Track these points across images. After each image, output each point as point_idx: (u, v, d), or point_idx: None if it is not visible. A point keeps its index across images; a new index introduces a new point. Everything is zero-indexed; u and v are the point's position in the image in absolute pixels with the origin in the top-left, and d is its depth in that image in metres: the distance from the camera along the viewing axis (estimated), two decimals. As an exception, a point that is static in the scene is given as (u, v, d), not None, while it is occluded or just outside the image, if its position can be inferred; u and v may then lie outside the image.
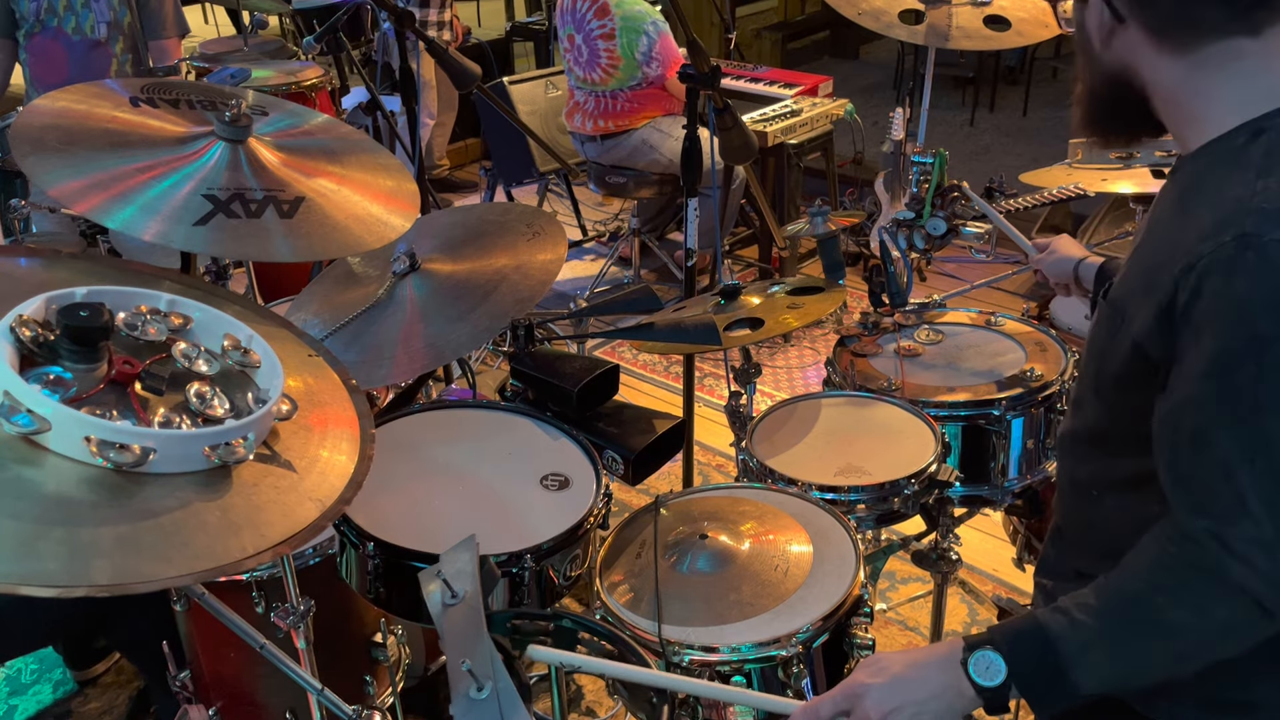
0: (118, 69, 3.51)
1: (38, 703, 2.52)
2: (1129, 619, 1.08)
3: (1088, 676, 1.08)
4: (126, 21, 3.47)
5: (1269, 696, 1.16)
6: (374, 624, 1.85)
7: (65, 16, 3.39)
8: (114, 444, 1.02)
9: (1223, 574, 1.02)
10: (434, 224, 2.11)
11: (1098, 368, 1.21)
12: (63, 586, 0.92)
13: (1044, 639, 1.09)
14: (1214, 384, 1.01)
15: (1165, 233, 1.13)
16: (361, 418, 1.28)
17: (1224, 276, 1.00)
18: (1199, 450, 1.03)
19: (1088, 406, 1.24)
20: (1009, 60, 7.17)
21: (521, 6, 7.75)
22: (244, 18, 5.07)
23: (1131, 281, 1.16)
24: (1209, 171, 1.10)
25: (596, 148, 4.18)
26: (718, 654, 1.39)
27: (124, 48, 3.50)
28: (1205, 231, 1.03)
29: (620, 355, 4.06)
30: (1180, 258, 1.04)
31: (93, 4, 3.38)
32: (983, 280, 2.63)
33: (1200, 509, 1.04)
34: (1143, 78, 1.14)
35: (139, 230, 1.51)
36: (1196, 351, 1.03)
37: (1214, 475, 1.02)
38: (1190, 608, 1.05)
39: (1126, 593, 1.09)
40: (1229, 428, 1.01)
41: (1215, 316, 1.01)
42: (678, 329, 1.98)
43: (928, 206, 2.10)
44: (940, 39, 2.96)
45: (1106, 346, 1.18)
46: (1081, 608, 1.10)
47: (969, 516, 2.42)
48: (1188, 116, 1.13)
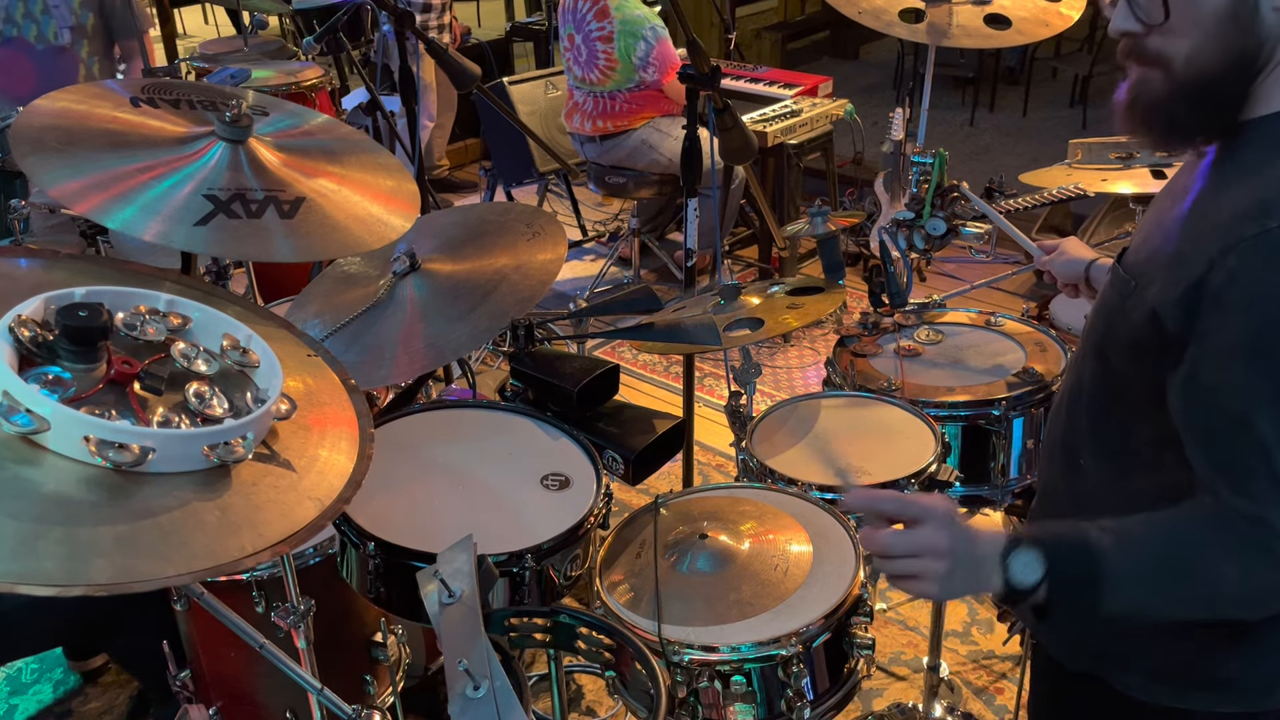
0: (86, 74, 3.46)
1: (38, 702, 2.52)
2: (1176, 563, 1.08)
3: (1118, 600, 1.08)
4: (90, 24, 3.42)
5: (1241, 672, 1.18)
6: (374, 624, 1.86)
7: (25, 25, 3.33)
8: (113, 443, 1.01)
9: (1266, 550, 1.03)
10: (434, 224, 2.11)
11: (1105, 328, 1.20)
12: (61, 586, 0.91)
13: (1090, 554, 1.08)
14: (1252, 368, 1.01)
15: (1196, 206, 1.11)
16: (360, 417, 1.28)
17: (1266, 263, 0.99)
18: (1237, 433, 1.03)
19: (1087, 368, 1.24)
20: (1009, 60, 7.17)
21: (521, 6, 7.76)
22: (244, 18, 5.07)
23: (1154, 245, 1.14)
24: (1253, 148, 1.08)
25: (596, 148, 4.18)
26: (718, 653, 1.39)
27: (90, 51, 3.44)
28: (1245, 212, 1.02)
29: (620, 355, 4.06)
30: (1217, 236, 1.03)
31: (52, 10, 3.32)
32: (983, 280, 2.64)
33: (1242, 491, 1.04)
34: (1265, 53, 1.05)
35: (139, 230, 1.51)
36: (1229, 334, 1.02)
37: (1254, 457, 1.02)
38: (1239, 568, 1.05)
39: (1177, 538, 1.09)
40: (1270, 410, 1.01)
41: (1253, 301, 1.00)
42: (678, 329, 1.98)
43: (928, 206, 2.10)
44: (940, 37, 2.96)
45: (1117, 309, 1.17)
46: (1129, 537, 1.09)
47: (969, 516, 2.42)
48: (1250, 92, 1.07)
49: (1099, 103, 6.56)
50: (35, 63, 3.40)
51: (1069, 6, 2.96)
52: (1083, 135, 5.08)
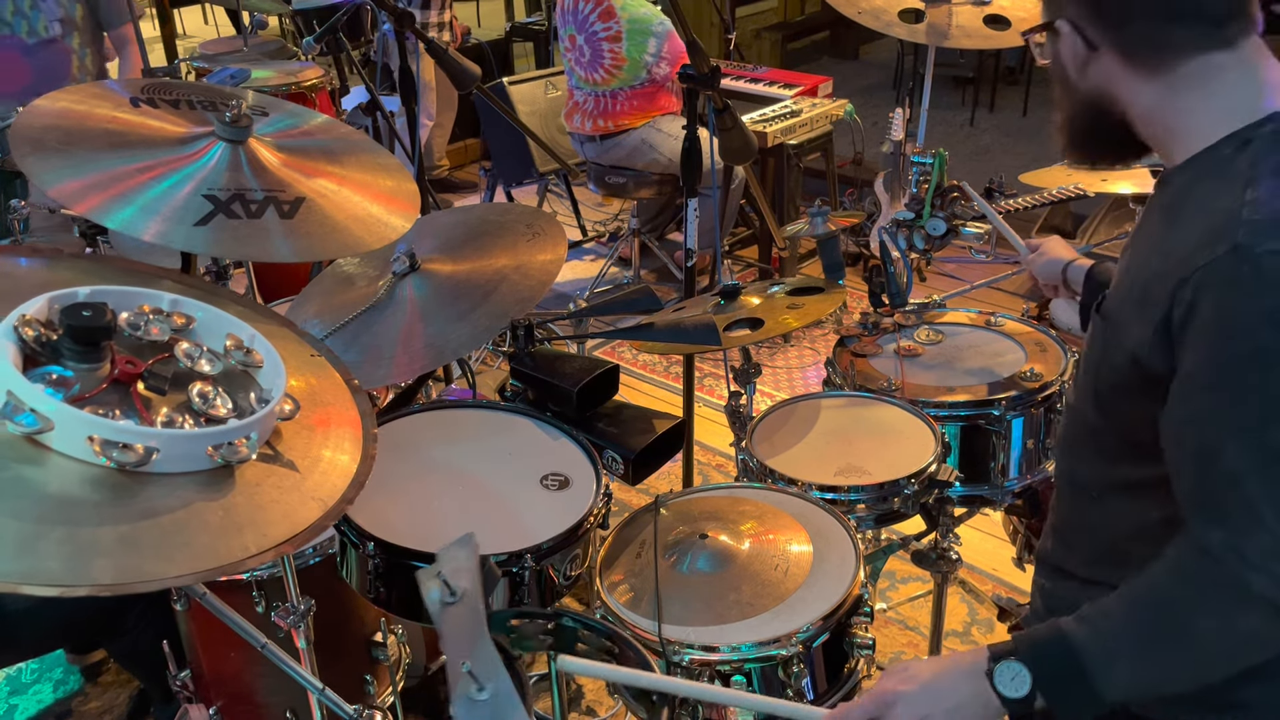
0: (79, 65, 3.48)
1: (38, 702, 2.52)
2: (1154, 629, 1.08)
3: (1113, 686, 1.08)
4: (79, 15, 3.43)
5: (1258, 696, 1.17)
6: (374, 624, 1.86)
7: (15, 21, 3.35)
8: (117, 443, 1.02)
9: (1244, 586, 1.02)
10: (434, 224, 2.11)
11: (1095, 379, 1.22)
12: (64, 586, 0.92)
13: (1068, 649, 1.09)
14: (1219, 396, 1.02)
15: (1156, 245, 1.14)
16: (364, 417, 1.29)
17: (1220, 290, 1.01)
18: (1208, 462, 1.03)
19: (1087, 414, 1.25)
20: (1009, 60, 7.17)
21: (521, 6, 7.75)
22: (244, 18, 5.06)
23: (1124, 293, 1.17)
24: (1196, 183, 1.10)
25: (596, 148, 4.18)
26: (718, 654, 1.39)
27: (81, 42, 3.46)
28: (1197, 243, 1.04)
29: (620, 355, 4.06)
30: (1174, 271, 1.05)
31: (40, 3, 3.35)
32: (983, 280, 2.64)
33: (1215, 521, 1.04)
34: (1122, 101, 1.14)
35: (139, 231, 1.51)
36: (1196, 365, 1.03)
37: (1225, 486, 1.02)
38: (1216, 618, 1.05)
39: (1150, 603, 1.09)
40: (1237, 439, 1.01)
41: (1214, 330, 1.01)
42: (678, 329, 1.98)
43: (928, 206, 2.10)
44: (940, 38, 2.96)
45: (1101, 359, 1.19)
46: (1105, 617, 1.10)
47: (969, 516, 2.42)
48: (1171, 133, 1.13)
49: (1098, 103, 6.56)
50: (27, 58, 3.42)
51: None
52: (1082, 135, 5.06)
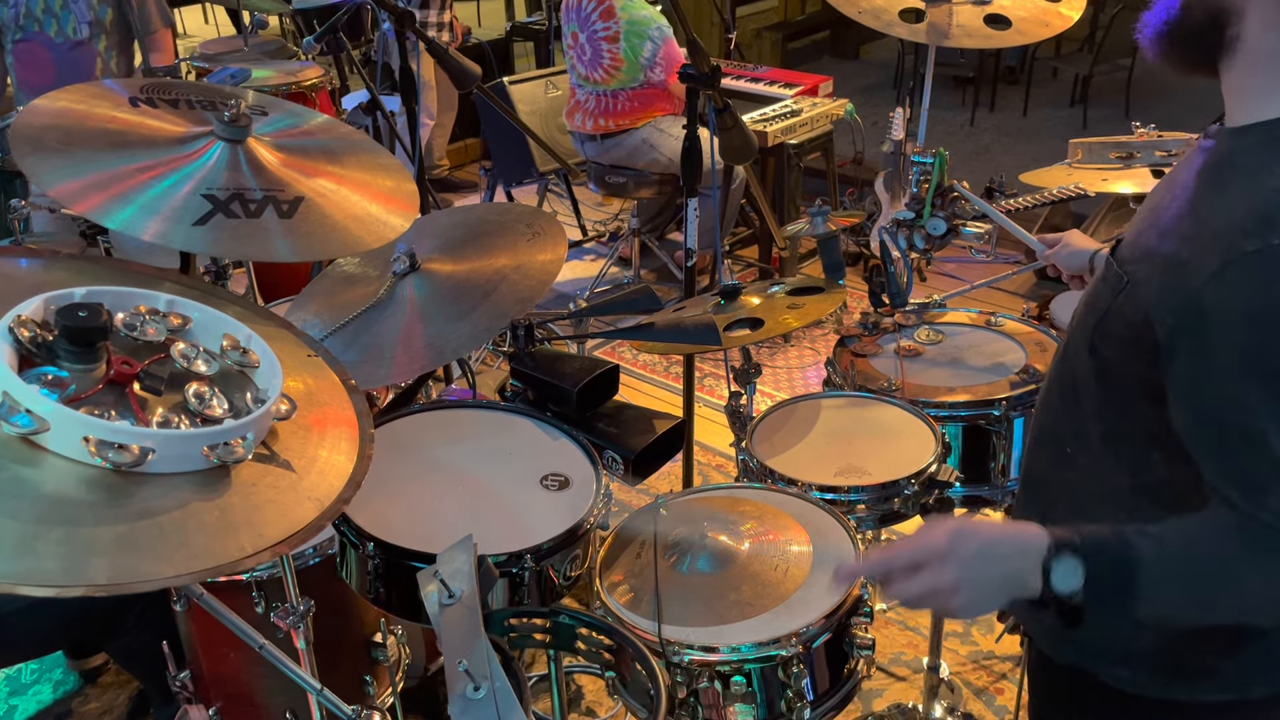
0: (104, 67, 3.52)
1: (38, 703, 2.52)
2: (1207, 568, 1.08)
3: (1153, 604, 1.08)
4: (108, 19, 3.49)
5: (1222, 662, 1.19)
6: (374, 624, 1.85)
7: (45, 20, 3.41)
8: (113, 444, 1.01)
9: None
10: (434, 224, 2.11)
11: (1096, 322, 1.20)
12: (61, 586, 0.91)
13: (1129, 558, 1.07)
14: (1260, 384, 1.01)
15: (1192, 205, 1.10)
16: (360, 417, 1.28)
17: (1268, 278, 1.00)
18: (1249, 449, 1.03)
19: (1075, 360, 1.24)
20: (1009, 60, 7.17)
21: (521, 6, 7.76)
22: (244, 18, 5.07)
23: (1149, 243, 1.14)
24: (1251, 153, 1.08)
25: (596, 147, 4.18)
26: (718, 654, 1.39)
27: (108, 45, 3.51)
28: (1243, 224, 1.02)
29: (620, 355, 4.06)
30: (1215, 248, 1.03)
31: (71, 5, 3.40)
32: (983, 280, 2.63)
33: (1258, 505, 1.04)
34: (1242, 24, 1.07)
35: (139, 230, 1.51)
36: (1234, 350, 1.02)
37: (1267, 473, 1.03)
38: (1263, 578, 1.06)
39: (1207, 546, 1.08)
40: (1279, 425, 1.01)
41: (1257, 318, 1.01)
42: (678, 329, 1.98)
43: (928, 206, 2.10)
44: (940, 37, 2.96)
45: (1109, 305, 1.17)
46: (1163, 542, 1.08)
47: (969, 516, 2.42)
48: (1256, 88, 1.08)
49: (1099, 102, 6.56)
50: (54, 57, 3.47)
51: (1069, 6, 2.96)
52: (1083, 135, 5.07)
